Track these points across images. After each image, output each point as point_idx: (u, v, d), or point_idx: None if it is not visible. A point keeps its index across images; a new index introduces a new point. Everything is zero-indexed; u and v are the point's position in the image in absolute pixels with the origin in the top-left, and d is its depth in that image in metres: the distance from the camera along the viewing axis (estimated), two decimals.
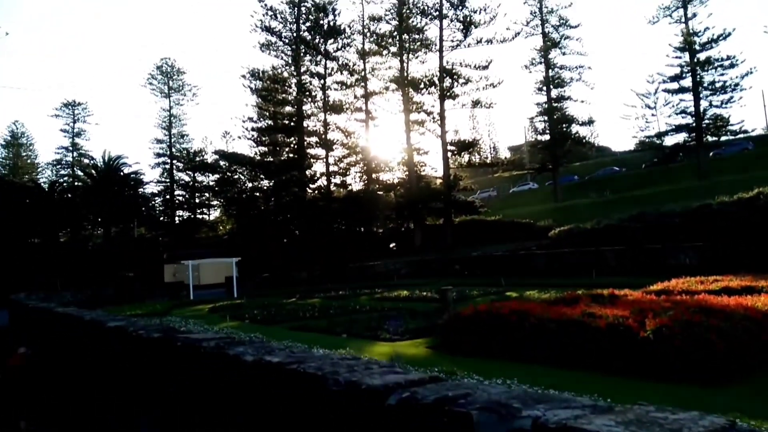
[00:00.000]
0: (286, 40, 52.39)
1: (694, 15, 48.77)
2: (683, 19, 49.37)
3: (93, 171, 65.33)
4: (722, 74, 47.18)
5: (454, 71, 44.86)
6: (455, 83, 44.84)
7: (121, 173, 63.69)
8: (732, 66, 46.61)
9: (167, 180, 77.63)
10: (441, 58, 45.70)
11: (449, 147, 45.56)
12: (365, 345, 14.13)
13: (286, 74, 53.26)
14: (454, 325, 12.72)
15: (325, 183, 52.48)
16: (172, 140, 78.35)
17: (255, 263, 46.59)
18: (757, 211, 28.26)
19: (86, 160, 73.81)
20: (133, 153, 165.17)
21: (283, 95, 53.14)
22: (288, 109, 53.61)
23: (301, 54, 51.88)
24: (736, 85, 46.43)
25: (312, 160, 53.21)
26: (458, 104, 45.87)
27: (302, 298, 31.71)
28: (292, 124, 53.58)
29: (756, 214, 28.09)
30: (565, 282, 29.38)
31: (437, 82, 44.56)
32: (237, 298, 36.49)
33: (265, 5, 51.31)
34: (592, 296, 15.38)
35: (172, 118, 78.42)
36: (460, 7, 44.92)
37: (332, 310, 23.36)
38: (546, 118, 55.67)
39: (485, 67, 45.57)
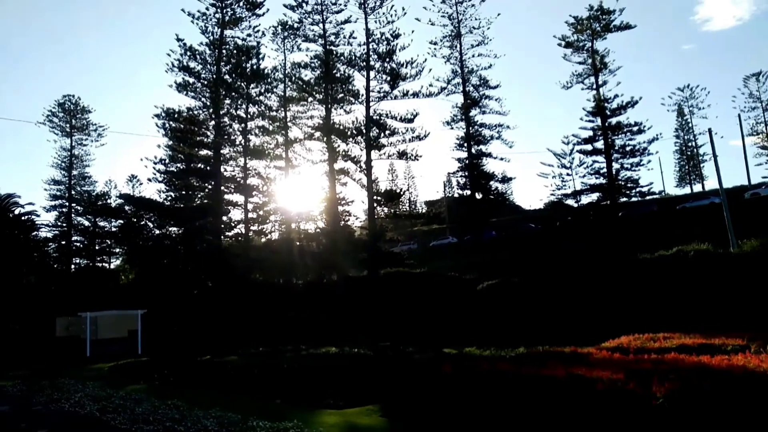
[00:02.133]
0: (206, 82, 50.31)
1: (605, 83, 51.87)
2: (594, 86, 52.31)
3: None
4: (631, 139, 50.02)
5: (381, 122, 44.56)
6: (382, 134, 44.45)
7: (11, 214, 57.64)
8: (640, 132, 49.57)
9: (64, 224, 71.67)
10: (368, 108, 45.34)
11: (375, 197, 44.64)
12: (309, 414, 12.13)
13: (204, 116, 50.92)
14: (418, 389, 11.11)
15: (243, 231, 49.79)
16: (72, 182, 72.97)
17: (162, 316, 42.65)
18: (681, 267, 29.06)
19: None
20: (25, 195, 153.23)
21: (200, 137, 50.60)
22: (205, 152, 51.02)
23: (221, 96, 49.92)
24: (644, 149, 49.31)
25: (229, 207, 50.50)
26: (384, 155, 45.41)
27: (218, 356, 28.79)
28: (208, 168, 50.90)
29: (681, 270, 28.85)
30: (499, 340, 28.57)
31: (364, 131, 43.97)
32: (142, 355, 32.78)
33: (184, 45, 49.28)
34: (552, 354, 14.35)
35: (73, 159, 73.26)
36: (388, 59, 45.08)
37: (256, 370, 20.97)
38: (467, 173, 56.41)
39: (411, 120, 45.63)
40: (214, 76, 49.78)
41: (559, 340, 24.02)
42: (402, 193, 46.84)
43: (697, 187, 77.24)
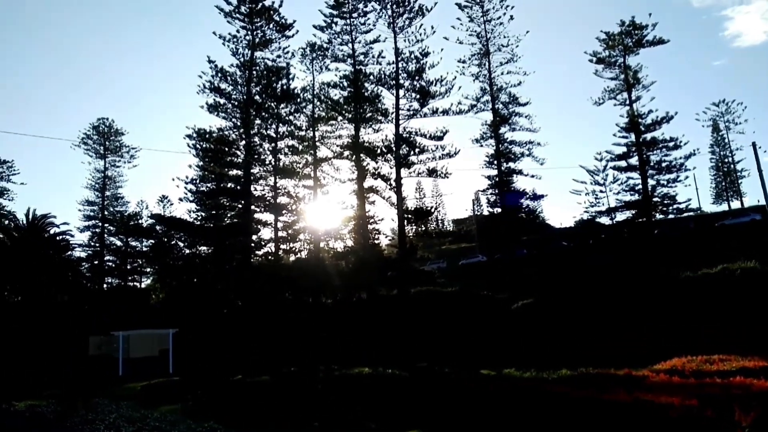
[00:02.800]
0: (236, 102, 50.73)
1: (638, 98, 50.87)
2: (627, 102, 51.31)
3: (14, 231, 59.97)
4: (667, 155, 48.82)
5: (410, 139, 44.28)
6: (411, 151, 44.15)
7: (47, 234, 58.65)
8: (676, 147, 48.33)
9: (97, 244, 72.82)
10: (397, 126, 45.14)
11: (405, 215, 44.18)
12: None
13: (234, 136, 51.26)
14: (465, 412, 10.53)
15: (273, 249, 49.72)
16: (105, 202, 74.31)
17: (192, 336, 42.60)
18: (727, 286, 27.94)
19: (6, 221, 68.17)
20: (61, 215, 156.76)
21: (231, 157, 50.92)
22: (235, 171, 51.30)
23: (252, 116, 50.26)
24: (681, 165, 48.05)
25: (259, 226, 50.55)
26: (414, 172, 45.04)
27: (249, 376, 28.46)
28: (238, 187, 51.11)
29: (727, 289, 27.73)
30: (537, 361, 27.69)
31: (394, 149, 43.73)
32: (173, 374, 32.64)
33: (215, 66, 49.85)
34: (605, 377, 13.63)
35: (106, 180, 74.66)
36: (417, 77, 44.93)
37: (290, 391, 20.53)
38: (497, 191, 55.64)
39: (441, 137, 45.31)
40: (245, 97, 50.19)
41: (602, 361, 23.12)
42: (432, 211, 46.35)
43: (735, 204, 75.23)
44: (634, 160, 49.70)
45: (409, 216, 44.32)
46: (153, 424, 13.47)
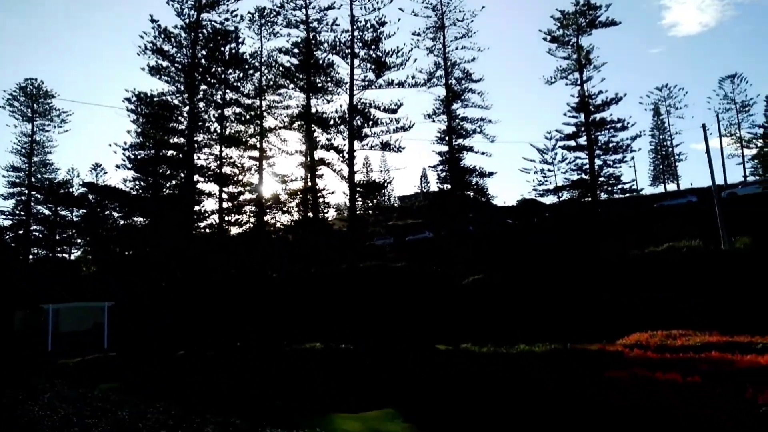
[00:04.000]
0: (180, 65, 47.99)
1: (589, 78, 51.44)
2: (579, 82, 51.82)
3: None
4: (614, 135, 49.70)
5: (364, 111, 43.15)
6: (365, 123, 43.07)
7: None
8: (623, 128, 49.28)
9: (23, 213, 68.38)
10: (351, 96, 43.86)
11: (357, 188, 43.17)
12: (322, 419, 10.73)
13: (177, 101, 48.60)
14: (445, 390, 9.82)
15: (217, 221, 47.77)
16: (33, 169, 69.70)
17: (129, 309, 40.44)
18: (672, 264, 28.54)
19: None
20: None
21: (173, 123, 48.33)
22: (177, 139, 48.74)
23: (197, 81, 47.71)
24: (627, 146, 49.06)
25: (202, 197, 48.37)
26: (367, 145, 44.04)
27: (191, 351, 27.11)
28: (180, 155, 48.64)
29: (672, 267, 28.32)
30: (492, 336, 27.56)
31: (347, 120, 42.48)
32: (109, 350, 30.77)
33: (158, 27, 46.90)
34: (580, 352, 13.29)
35: (34, 145, 69.94)
36: (373, 47, 43.67)
37: (243, 367, 19.43)
38: (447, 167, 55.35)
39: (395, 110, 44.39)
40: (190, 60, 47.53)
41: (556, 337, 23.20)
42: (384, 185, 45.50)
43: (671, 186, 78.18)
44: (582, 140, 50.43)
45: (361, 190, 43.36)
46: (95, 404, 12.14)
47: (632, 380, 8.25)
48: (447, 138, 54.74)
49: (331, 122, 42.94)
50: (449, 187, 55.24)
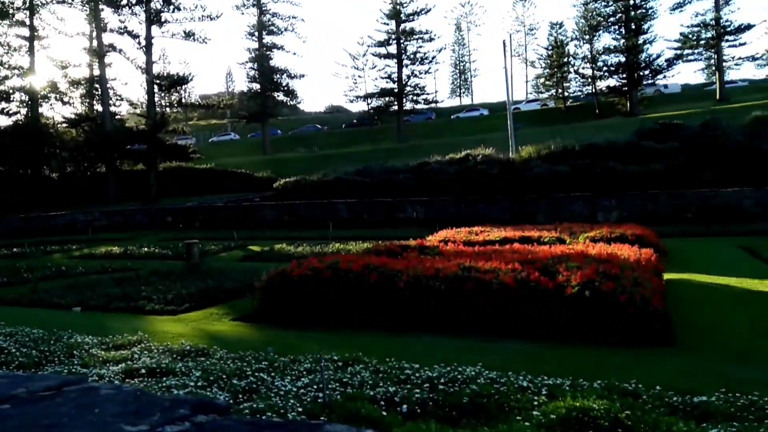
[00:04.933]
0: None
1: None
2: None
3: None
4: (421, 46, 51.22)
5: None
6: (166, 7, 38.33)
7: None
8: (431, 39, 50.92)
9: None
10: None
11: (156, 81, 39.00)
12: (141, 322, 9.78)
13: None
14: (281, 289, 9.50)
15: None
16: None
17: None
18: (471, 169, 31.06)
19: None
20: None
21: None
22: None
23: None
24: (433, 57, 51.04)
25: None
26: (168, 32, 39.59)
27: None
28: None
29: (471, 172, 30.85)
30: (304, 234, 27.74)
31: (144, 1, 37.42)
32: None
33: None
34: (402, 248, 13.84)
35: None
36: None
37: (25, 273, 17.00)
38: (256, 65, 52.69)
39: None
40: None
41: (359, 236, 24.30)
42: (188, 79, 41.55)
43: (466, 100, 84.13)
44: (393, 49, 51.13)
45: (162, 83, 39.23)
46: None
47: (457, 270, 8.73)
48: (257, 33, 51.67)
49: (124, 1, 37.49)
50: (258, 87, 52.89)
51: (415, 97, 51.63)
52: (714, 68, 52.75)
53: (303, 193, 33.61)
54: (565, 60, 51.69)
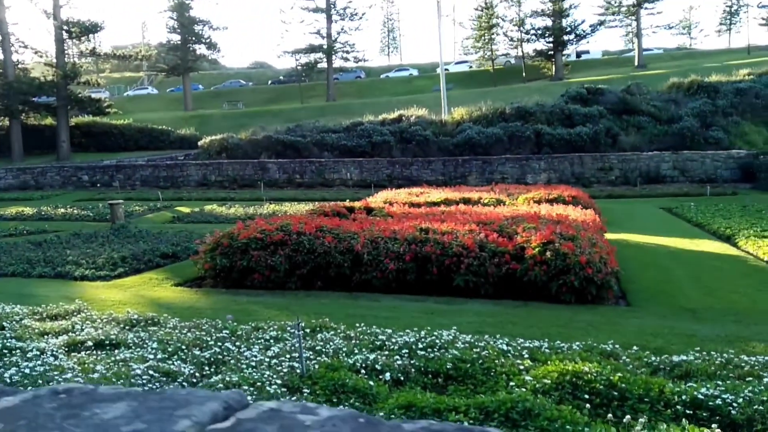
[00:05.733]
0: None
1: None
2: None
3: None
4: (351, 1, 49.96)
5: None
6: None
7: None
8: None
9: None
10: None
11: (65, 27, 35.80)
12: (73, 289, 9.04)
13: None
14: (227, 252, 8.99)
15: None
16: None
17: None
18: (404, 130, 30.90)
19: None
20: None
21: None
22: None
23: None
24: (363, 14, 49.88)
25: None
26: None
27: None
28: None
29: (404, 133, 30.70)
30: (233, 195, 26.85)
31: None
32: None
33: None
34: (348, 209, 13.55)
35: None
36: None
37: None
38: (176, 15, 49.62)
39: None
40: None
41: (291, 196, 23.90)
42: (99, 26, 38.32)
43: (394, 59, 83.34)
44: (321, 3, 49.42)
45: (71, 29, 36.03)
46: None
47: (415, 231, 8.59)
48: None
49: None
50: (179, 39, 49.91)
51: (344, 55, 50.46)
52: (633, 35, 54.81)
53: (230, 151, 32.35)
54: (494, 22, 52.01)
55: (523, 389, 4.01)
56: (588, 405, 3.79)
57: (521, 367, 4.55)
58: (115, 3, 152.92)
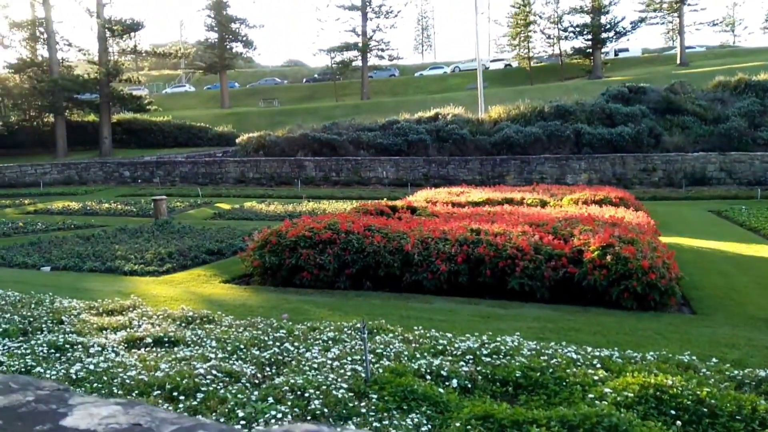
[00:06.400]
0: None
1: None
2: None
3: None
4: None
5: None
6: None
7: None
8: None
9: None
10: None
11: (108, 26, 36.54)
12: (124, 284, 9.15)
13: None
14: (275, 250, 8.97)
15: None
16: None
17: None
18: (441, 128, 30.62)
19: None
20: None
21: None
22: None
23: None
24: (399, 12, 49.73)
25: None
26: None
27: None
28: None
29: (441, 131, 30.43)
30: (270, 192, 27.01)
31: None
32: None
33: None
34: (392, 208, 13.43)
35: None
36: None
37: None
38: (214, 13, 50.23)
39: None
40: None
41: (327, 194, 23.97)
42: (140, 25, 39.02)
43: (428, 57, 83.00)
44: (357, 0, 49.34)
45: (114, 28, 36.76)
46: None
47: (466, 232, 8.42)
48: None
49: None
50: (216, 37, 50.53)
51: (379, 53, 50.37)
52: (675, 32, 53.43)
53: (268, 149, 32.56)
54: (531, 19, 51.27)
55: (604, 402, 3.83)
56: (678, 422, 3.59)
57: (595, 378, 4.36)
58: (155, 2, 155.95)
